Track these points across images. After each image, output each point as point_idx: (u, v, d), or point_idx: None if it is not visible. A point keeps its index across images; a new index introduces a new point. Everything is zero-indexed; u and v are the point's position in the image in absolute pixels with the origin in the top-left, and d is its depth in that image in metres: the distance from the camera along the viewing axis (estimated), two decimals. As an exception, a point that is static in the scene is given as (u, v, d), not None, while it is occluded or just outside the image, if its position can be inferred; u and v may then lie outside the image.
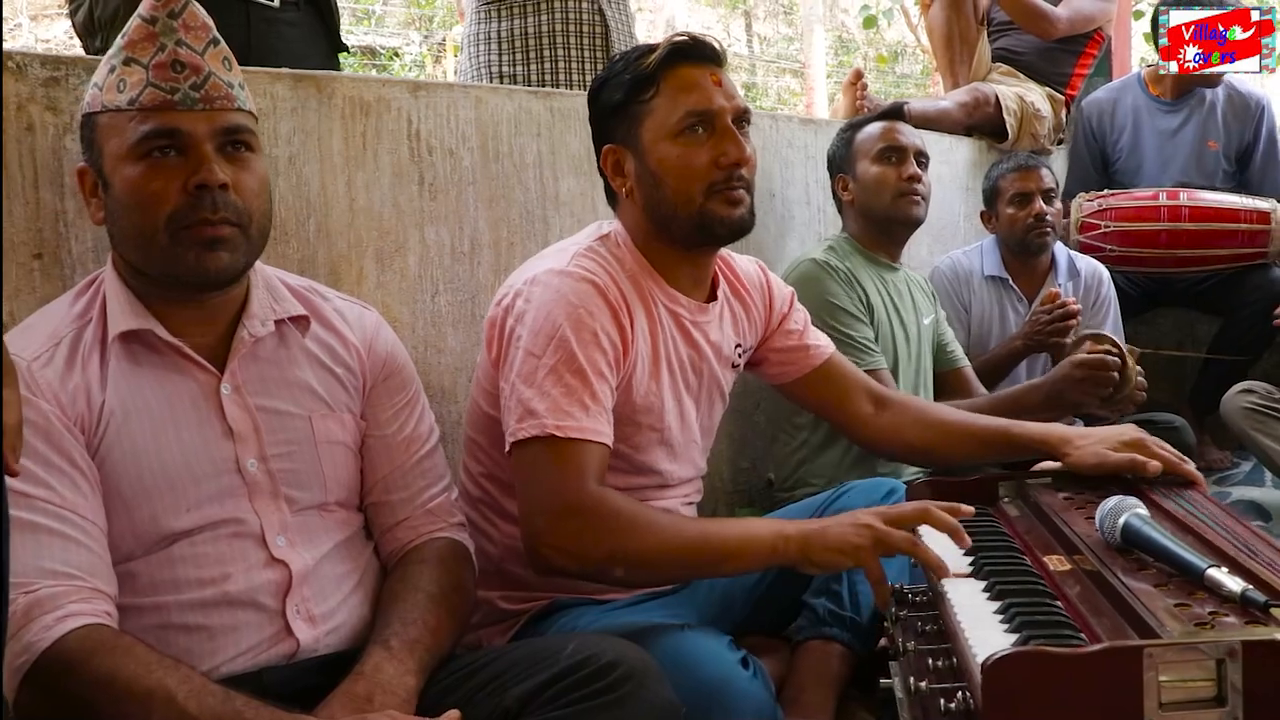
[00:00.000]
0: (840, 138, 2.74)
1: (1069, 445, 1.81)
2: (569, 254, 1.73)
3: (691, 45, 1.73)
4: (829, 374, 2.03)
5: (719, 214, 1.71)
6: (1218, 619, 1.16)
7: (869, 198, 2.63)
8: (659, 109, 1.71)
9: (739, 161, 1.71)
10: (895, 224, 2.65)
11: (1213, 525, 1.48)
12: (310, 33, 2.40)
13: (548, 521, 1.54)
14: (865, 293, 2.53)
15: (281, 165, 1.90)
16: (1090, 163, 4.07)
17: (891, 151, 2.62)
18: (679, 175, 1.71)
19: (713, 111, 1.71)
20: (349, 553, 1.53)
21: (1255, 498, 3.19)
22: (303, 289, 1.59)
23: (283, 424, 1.48)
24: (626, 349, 1.69)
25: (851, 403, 2.03)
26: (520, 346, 1.63)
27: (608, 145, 1.78)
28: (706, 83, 1.72)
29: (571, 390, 1.59)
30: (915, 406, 2.09)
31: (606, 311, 1.66)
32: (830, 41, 14.84)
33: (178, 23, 1.40)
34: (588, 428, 1.57)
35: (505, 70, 2.96)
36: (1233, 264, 3.62)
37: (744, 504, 2.71)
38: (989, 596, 1.34)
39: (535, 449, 1.57)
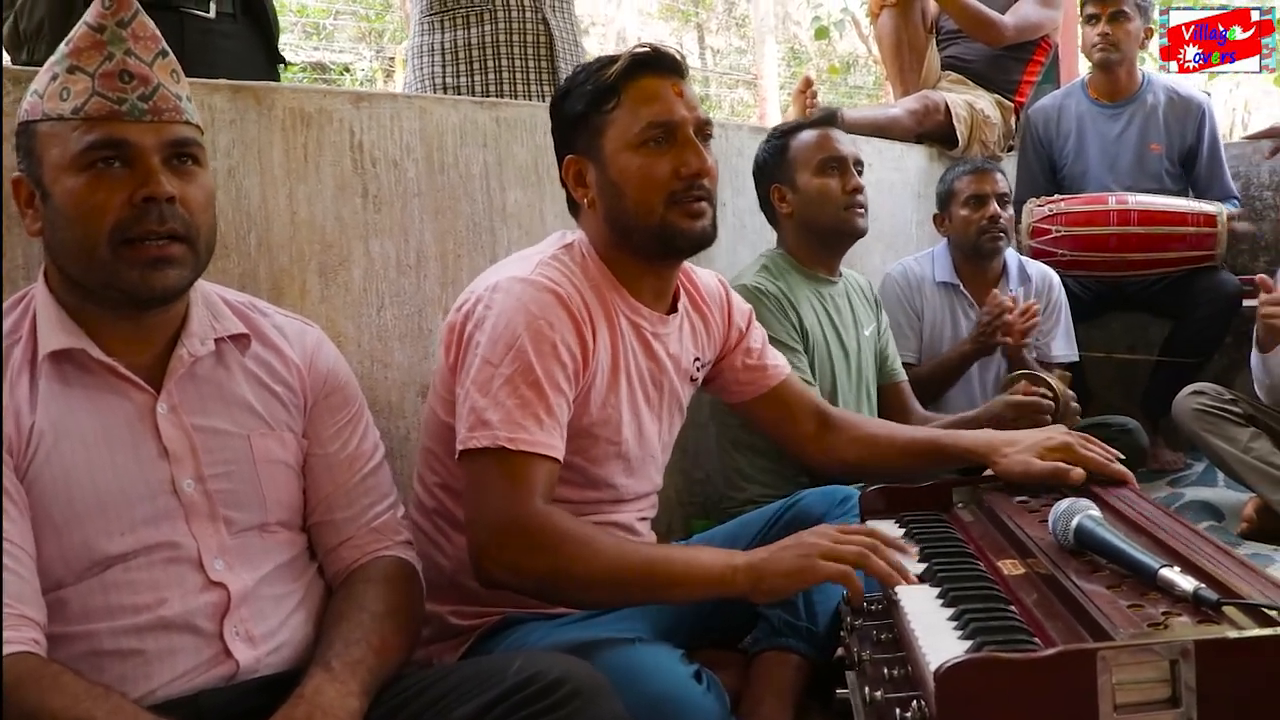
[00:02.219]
0: (772, 145, 2.67)
1: (997, 453, 1.82)
2: (533, 262, 1.71)
3: (653, 56, 1.73)
4: (783, 395, 2.04)
5: (680, 226, 1.71)
6: (1171, 619, 1.15)
7: (812, 210, 2.57)
8: (620, 119, 1.71)
9: (700, 172, 1.70)
10: (840, 237, 2.61)
11: (1165, 525, 1.47)
12: (248, 45, 2.37)
13: (492, 536, 1.52)
14: (800, 317, 2.49)
15: (221, 178, 1.86)
16: (1039, 168, 4.10)
17: (833, 162, 2.57)
18: (640, 186, 1.70)
19: (674, 122, 1.70)
20: (291, 573, 1.49)
21: (1208, 498, 3.22)
22: (243, 306, 1.56)
23: (221, 443, 1.45)
24: (586, 361, 1.67)
25: (797, 424, 2.05)
26: (478, 354, 1.61)
27: (569, 155, 1.77)
28: (668, 94, 1.71)
29: (526, 402, 1.56)
30: (850, 424, 2.09)
31: (568, 322, 1.64)
32: (782, 53, 14.95)
33: (127, 32, 1.37)
34: (540, 441, 1.55)
35: (449, 81, 2.94)
36: (1181, 267, 3.65)
37: (698, 515, 2.69)
38: (943, 603, 1.33)
39: (485, 460, 1.54)
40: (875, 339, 2.75)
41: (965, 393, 3.14)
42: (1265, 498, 2.81)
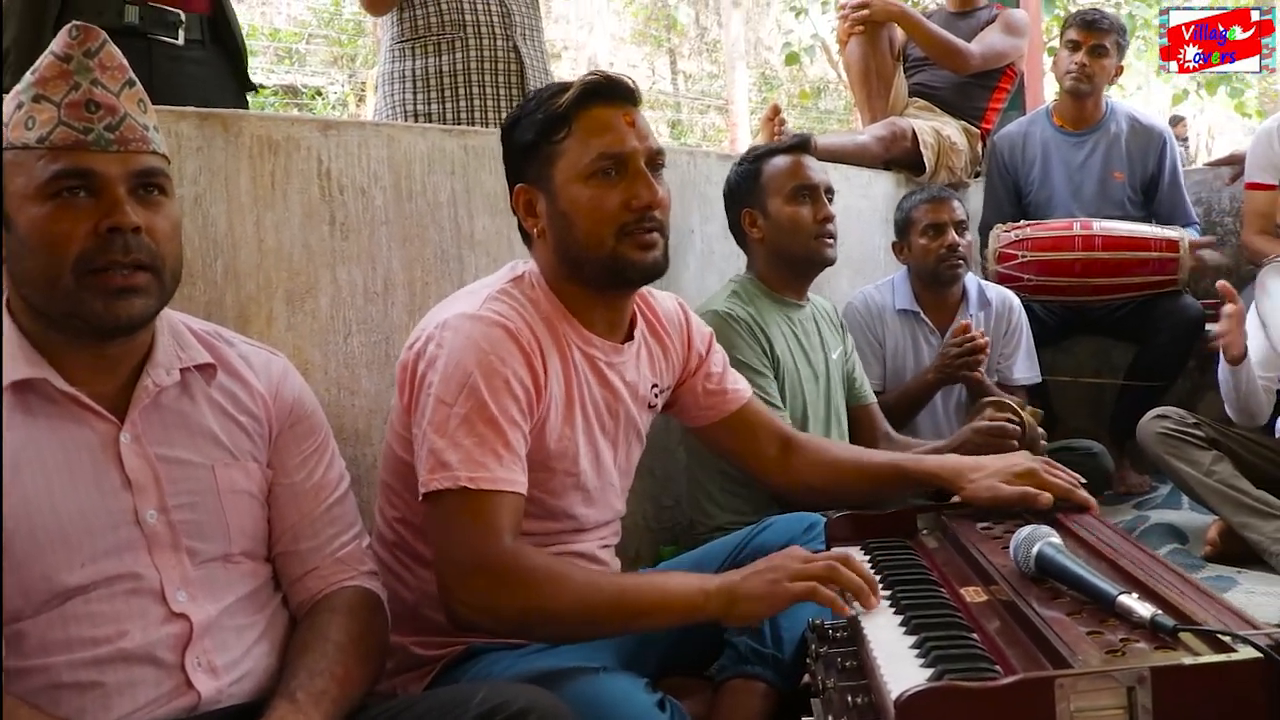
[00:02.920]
0: (744, 169, 2.67)
1: (963, 479, 1.83)
2: (481, 297, 1.70)
3: (605, 84, 1.72)
4: (745, 419, 2.04)
5: (630, 258, 1.70)
6: (1129, 645, 1.17)
7: (783, 238, 2.58)
8: (571, 150, 1.69)
9: (651, 204, 1.69)
10: (809, 265, 2.62)
11: (1126, 552, 1.49)
12: (217, 71, 2.37)
13: (461, 577, 1.51)
14: (770, 342, 2.49)
15: (187, 205, 1.86)
16: (1004, 194, 4.14)
17: (805, 190, 2.58)
18: (590, 217, 1.69)
19: (625, 154, 1.68)
20: (254, 604, 1.48)
21: (1173, 520, 3.23)
22: (208, 335, 1.55)
23: (185, 474, 1.44)
24: (540, 394, 1.67)
25: (760, 448, 2.04)
26: (432, 394, 1.60)
27: (520, 184, 1.76)
28: (619, 124, 1.70)
29: (484, 440, 1.56)
30: (814, 448, 2.09)
31: (519, 356, 1.63)
32: (754, 78, 15.05)
33: (94, 62, 1.37)
34: (501, 478, 1.55)
35: (420, 109, 2.95)
36: (1145, 291, 3.69)
37: (668, 542, 2.69)
38: (905, 631, 1.34)
39: (448, 501, 1.54)
40: (843, 361, 2.76)
41: (929, 417, 3.16)
42: (1228, 520, 2.83)
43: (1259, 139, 3.88)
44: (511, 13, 3.02)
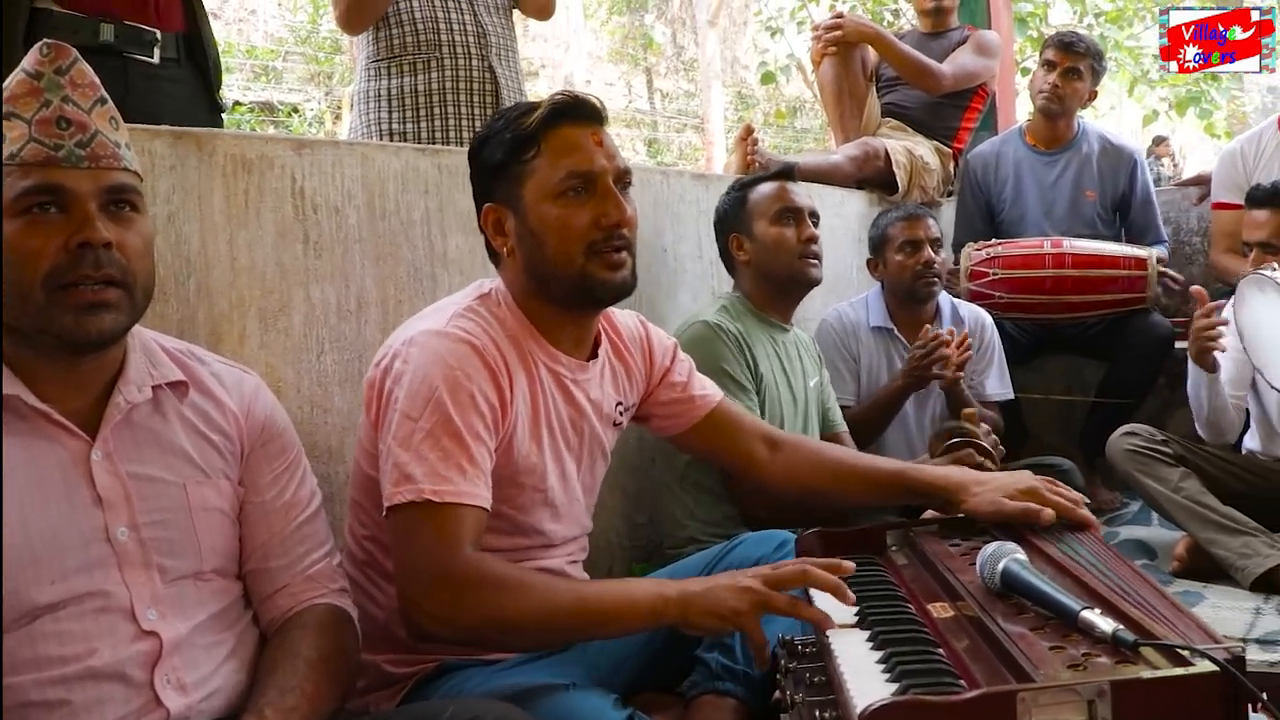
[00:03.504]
0: (732, 196, 2.75)
1: (965, 492, 1.81)
2: (447, 314, 1.71)
3: (572, 104, 1.73)
4: (718, 421, 2.03)
5: (599, 277, 1.72)
6: (1090, 660, 1.18)
7: (768, 259, 2.65)
8: (540, 169, 1.71)
9: (620, 223, 1.71)
10: (794, 285, 2.68)
11: (1091, 567, 1.51)
12: (192, 89, 2.37)
13: (422, 588, 1.51)
14: (755, 359, 2.53)
15: (160, 223, 1.86)
16: (977, 213, 4.18)
17: (789, 213, 2.65)
18: (560, 235, 1.70)
19: (594, 173, 1.70)
20: (225, 621, 1.48)
21: (1142, 536, 3.27)
22: (180, 353, 1.56)
23: (156, 491, 1.44)
24: (505, 410, 1.67)
25: (745, 446, 2.02)
26: (397, 409, 1.61)
27: (488, 204, 1.77)
28: (588, 143, 1.72)
29: (448, 454, 1.57)
30: (810, 448, 2.08)
31: (484, 373, 1.64)
32: (730, 97, 15.12)
33: (65, 79, 1.38)
34: (464, 491, 1.55)
35: (395, 127, 2.97)
36: (1114, 309, 3.73)
37: (640, 559, 2.70)
38: (872, 646, 1.35)
39: (411, 514, 1.54)
40: (819, 390, 2.81)
41: (902, 433, 3.19)
42: (1195, 536, 2.86)
43: (1225, 160, 3.94)
44: (487, 33, 3.04)
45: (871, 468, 2.02)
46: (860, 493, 2.00)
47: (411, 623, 1.53)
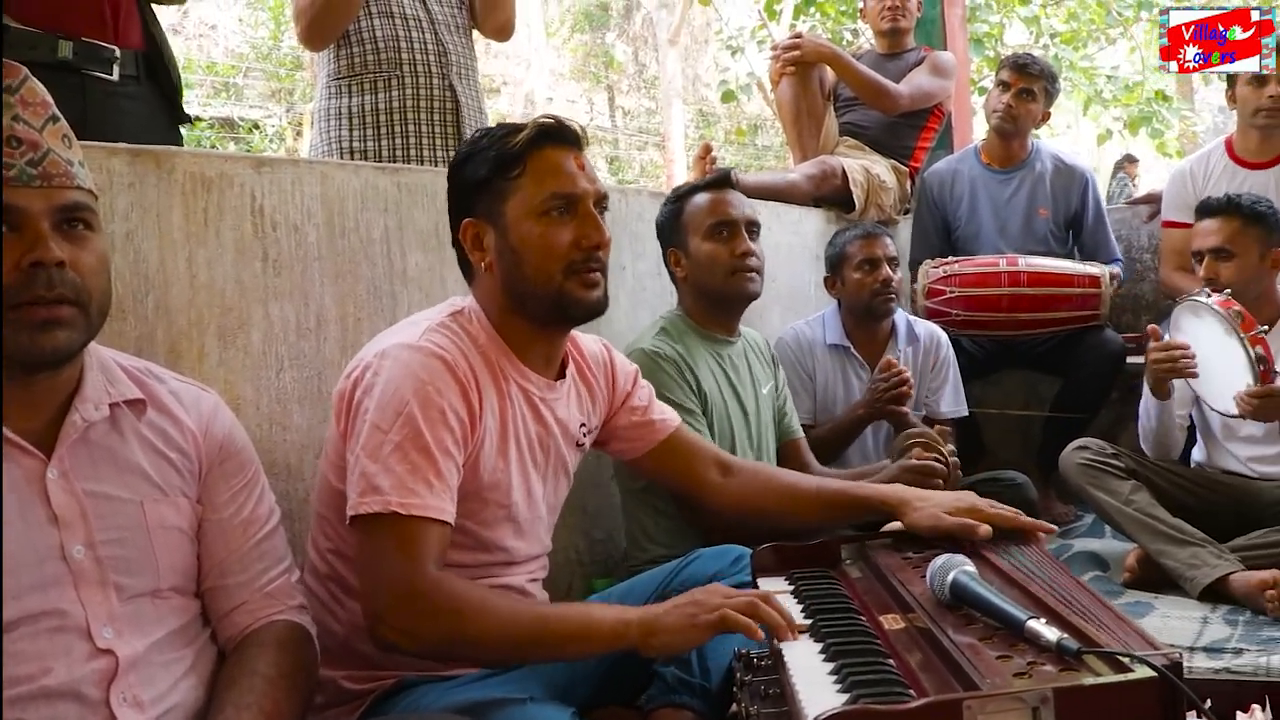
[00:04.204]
0: (668, 209, 2.70)
1: (908, 507, 1.88)
2: (421, 328, 1.73)
3: (557, 128, 1.78)
4: (675, 446, 2.07)
5: (576, 295, 1.76)
6: (1035, 668, 1.22)
7: (702, 275, 2.60)
8: (525, 187, 1.75)
9: (599, 244, 1.76)
10: (730, 301, 2.63)
11: (1038, 578, 1.54)
12: (151, 107, 2.36)
13: (387, 602, 1.54)
14: (698, 379, 2.52)
15: (118, 241, 1.86)
16: (933, 230, 4.23)
17: (722, 226, 2.58)
18: (540, 253, 1.74)
19: (576, 195, 1.76)
20: (182, 639, 1.49)
21: (1095, 549, 3.31)
22: (138, 371, 1.56)
23: (113, 509, 1.44)
24: (474, 426, 1.70)
25: (699, 472, 2.08)
26: (367, 420, 1.63)
27: (468, 219, 1.80)
28: (571, 166, 1.77)
29: (416, 468, 1.58)
30: (762, 472, 2.14)
31: (455, 388, 1.66)
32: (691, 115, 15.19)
33: (15, 98, 1.37)
34: (430, 505, 1.58)
35: (356, 145, 2.97)
36: (1069, 326, 3.79)
37: (600, 575, 2.71)
38: (825, 658, 1.38)
39: (377, 525, 1.56)
40: (773, 397, 2.80)
41: (859, 450, 3.22)
42: (1145, 548, 2.90)
43: (1174, 179, 4.02)
44: (448, 51, 3.06)
45: (820, 488, 2.09)
46: (810, 513, 2.06)
47: (375, 634, 1.55)
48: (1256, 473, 3.09)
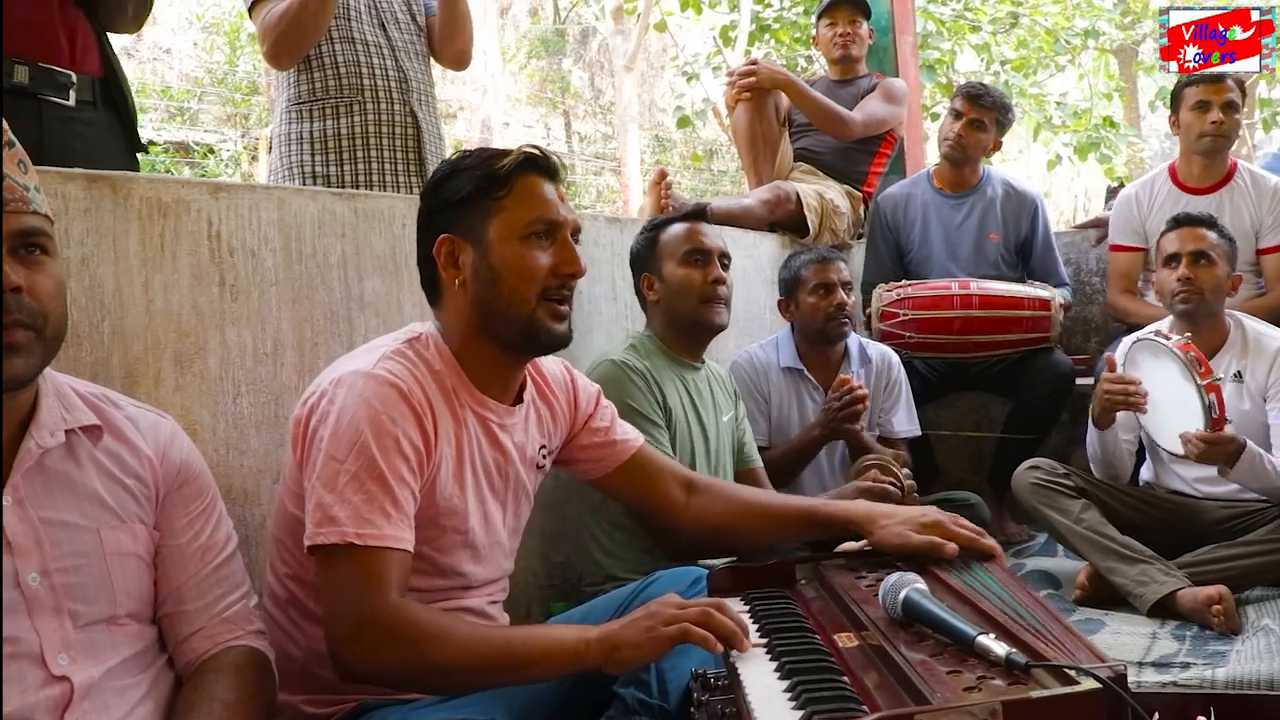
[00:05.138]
0: (644, 237, 2.79)
1: (873, 524, 1.89)
2: (376, 355, 1.73)
3: (543, 158, 1.82)
4: (638, 466, 2.09)
5: (545, 324, 1.79)
6: (985, 683, 1.24)
7: (675, 300, 2.68)
8: (509, 209, 1.77)
9: (575, 273, 1.80)
10: (699, 328, 2.71)
11: (989, 594, 1.57)
12: (109, 132, 2.37)
13: (349, 632, 1.54)
14: (664, 395, 2.57)
15: (74, 266, 1.86)
16: (887, 254, 4.29)
17: (697, 254, 2.69)
18: (518, 275, 1.77)
19: (558, 222, 1.79)
20: (139, 666, 1.48)
21: (1048, 567, 3.35)
22: (94, 397, 1.55)
23: (69, 536, 1.43)
24: (430, 453, 1.70)
25: (662, 491, 2.09)
26: (322, 449, 1.63)
27: (445, 235, 1.80)
28: (554, 195, 1.81)
29: (373, 497, 1.59)
30: (726, 490, 2.15)
31: (410, 416, 1.67)
32: (648, 140, 15.26)
33: None
34: (389, 535, 1.58)
35: (319, 170, 2.98)
36: (1019, 348, 3.85)
37: (558, 598, 2.72)
38: (780, 676, 1.40)
39: (336, 556, 1.56)
40: (733, 426, 2.85)
41: (814, 473, 3.25)
42: (1095, 565, 2.95)
43: (1120, 204, 4.10)
44: (408, 78, 3.08)
45: (784, 506, 2.11)
46: (773, 531, 2.08)
47: (340, 664, 1.55)
48: (1202, 492, 3.15)
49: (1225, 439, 2.78)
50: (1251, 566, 2.86)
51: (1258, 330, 3.15)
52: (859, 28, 4.55)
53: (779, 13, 10.42)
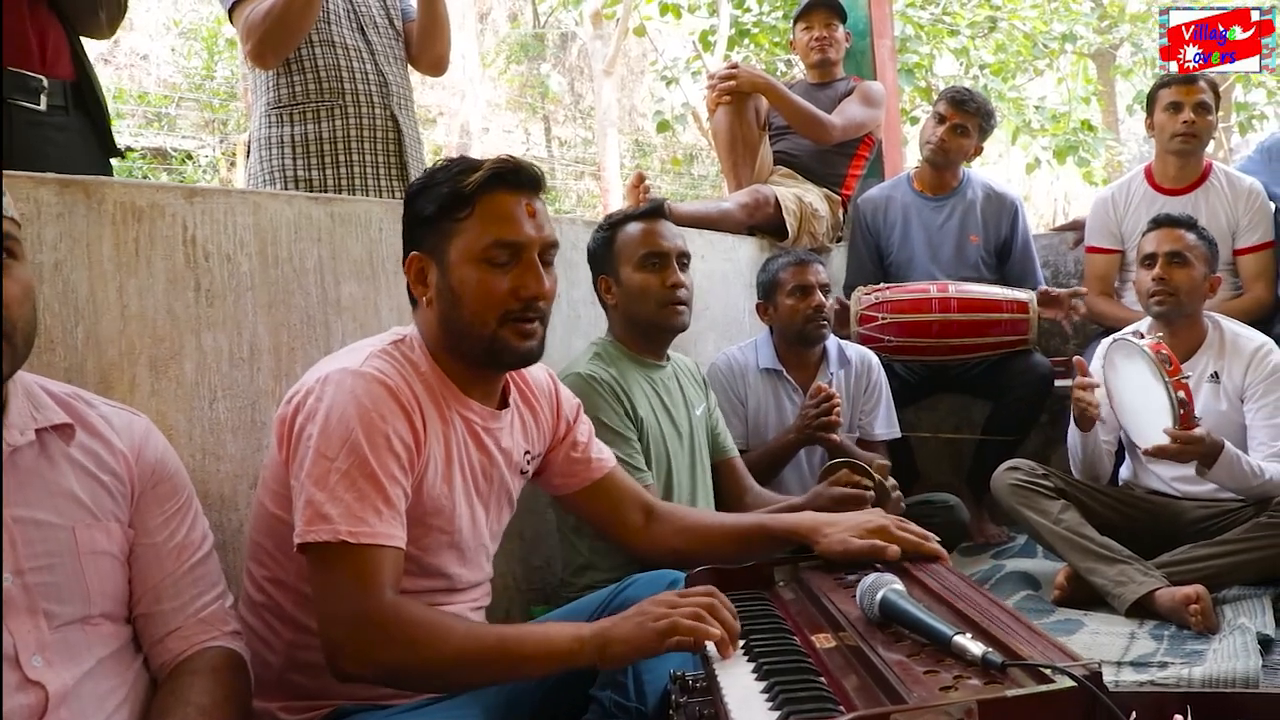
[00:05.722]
0: (600, 236, 2.73)
1: (818, 534, 1.91)
2: (363, 354, 1.73)
3: (513, 171, 1.77)
4: (607, 488, 2.10)
5: (509, 343, 1.76)
6: (961, 682, 1.24)
7: (632, 304, 2.63)
8: (469, 230, 1.75)
9: (537, 296, 1.76)
10: (659, 332, 2.67)
11: (966, 596, 1.57)
12: (81, 137, 2.35)
13: (345, 632, 1.53)
14: (633, 403, 2.54)
15: (46, 271, 1.84)
16: (867, 256, 4.31)
17: (654, 257, 2.61)
18: (477, 299, 1.74)
19: (520, 244, 1.75)
20: (115, 668, 1.47)
21: (1027, 569, 3.36)
22: (66, 396, 1.54)
23: (43, 535, 1.42)
24: (420, 451, 1.70)
25: (623, 515, 2.11)
26: (311, 446, 1.62)
27: (415, 252, 1.80)
28: (520, 213, 1.76)
29: (364, 495, 1.58)
30: (677, 515, 2.16)
31: (399, 414, 1.66)
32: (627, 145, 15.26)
33: None
34: (381, 533, 1.58)
35: (302, 174, 2.96)
36: (998, 350, 3.86)
37: (538, 602, 2.71)
38: (757, 677, 1.40)
39: (329, 555, 1.56)
40: (706, 417, 2.83)
41: (795, 474, 3.26)
42: (1074, 566, 2.97)
43: (1097, 206, 4.13)
44: (389, 82, 3.07)
45: (732, 524, 2.13)
46: (726, 549, 2.08)
47: (335, 665, 1.54)
48: (1180, 492, 3.17)
49: (1196, 438, 2.79)
50: (1228, 566, 2.88)
51: (1234, 331, 3.18)
52: (835, 31, 4.57)
53: (758, 17, 10.44)
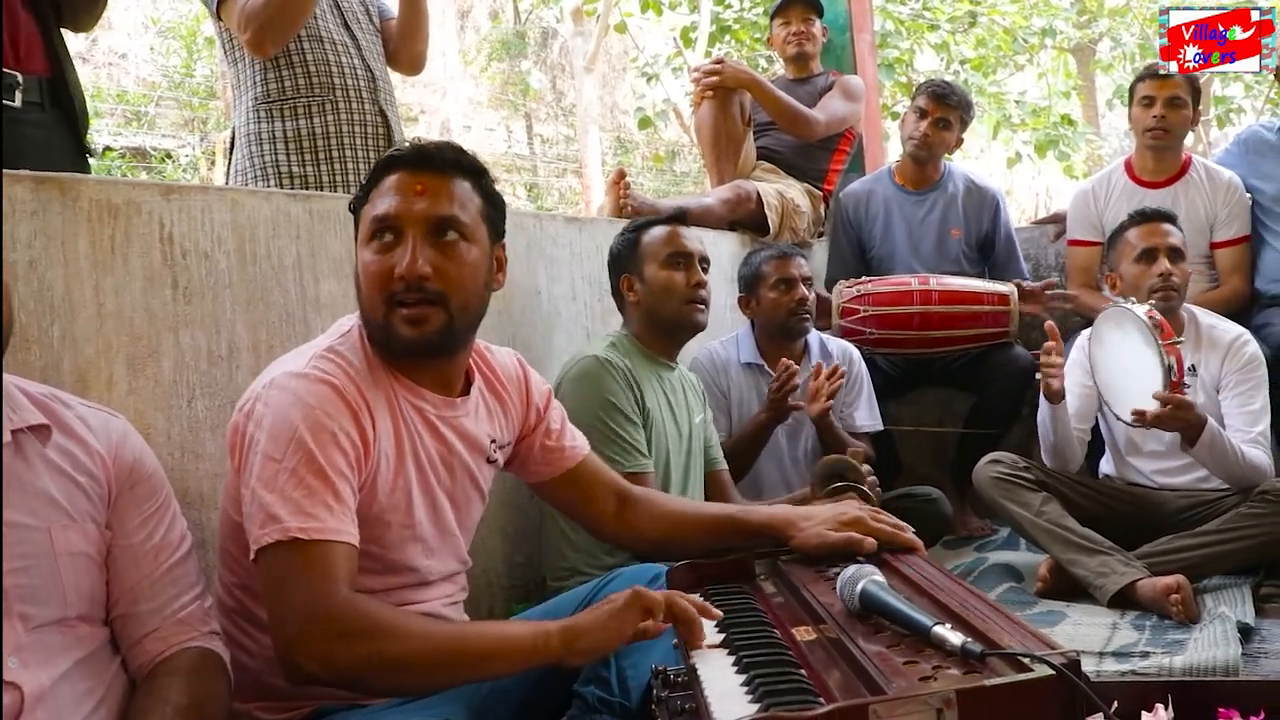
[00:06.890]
0: (626, 238, 2.83)
1: (793, 528, 1.90)
2: (307, 356, 1.71)
3: (411, 152, 1.74)
4: (579, 476, 2.07)
5: (398, 332, 1.70)
6: (940, 672, 1.24)
7: (656, 301, 2.73)
8: (365, 214, 1.75)
9: (405, 275, 1.67)
10: (680, 329, 2.78)
11: (946, 587, 1.58)
12: (57, 134, 2.33)
13: (298, 630, 1.49)
14: (642, 394, 2.60)
15: (21, 269, 1.83)
16: (849, 250, 4.32)
17: (679, 257, 2.75)
18: (367, 284, 1.72)
19: (394, 218, 1.69)
20: (91, 669, 1.46)
21: (1010, 561, 3.38)
22: (43, 396, 1.53)
23: (19, 537, 1.41)
24: (368, 449, 1.68)
25: (597, 503, 2.08)
26: (259, 451, 1.60)
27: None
28: (405, 190, 1.70)
29: (313, 491, 1.56)
30: (653, 502, 2.14)
31: (345, 412, 1.64)
32: (609, 142, 15.25)
33: None
34: (331, 528, 1.55)
35: (295, 170, 2.95)
36: (979, 343, 3.88)
37: (520, 599, 2.70)
38: (737, 670, 1.40)
39: (280, 554, 1.53)
40: (703, 427, 2.89)
41: (777, 467, 3.27)
42: (1056, 557, 2.98)
43: (1078, 199, 4.14)
44: (376, 78, 3.06)
45: (706, 514, 2.12)
46: (698, 539, 2.06)
47: (289, 666, 1.50)
48: (1160, 484, 3.19)
49: (1186, 401, 2.81)
50: (1208, 556, 2.90)
51: (1210, 323, 3.19)
52: (812, 25, 4.58)
53: (739, 13, 10.46)
